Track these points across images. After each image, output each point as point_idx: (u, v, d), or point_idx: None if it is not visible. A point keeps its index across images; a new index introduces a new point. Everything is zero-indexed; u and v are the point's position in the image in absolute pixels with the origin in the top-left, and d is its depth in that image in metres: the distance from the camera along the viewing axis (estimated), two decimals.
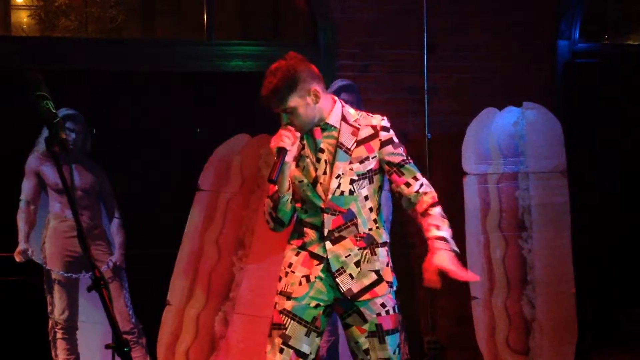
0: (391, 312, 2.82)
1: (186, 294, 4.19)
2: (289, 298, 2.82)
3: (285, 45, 4.69)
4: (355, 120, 2.83)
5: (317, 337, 2.82)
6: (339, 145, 2.79)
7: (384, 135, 2.81)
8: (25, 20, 4.82)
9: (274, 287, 4.08)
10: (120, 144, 4.50)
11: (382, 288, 2.81)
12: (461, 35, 4.78)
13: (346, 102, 4.30)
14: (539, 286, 4.44)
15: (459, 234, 4.40)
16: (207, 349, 4.17)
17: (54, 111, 2.13)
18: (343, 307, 2.83)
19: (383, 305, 2.81)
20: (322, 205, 2.78)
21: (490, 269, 4.40)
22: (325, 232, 2.79)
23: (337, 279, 2.77)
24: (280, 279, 2.89)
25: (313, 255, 2.80)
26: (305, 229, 2.83)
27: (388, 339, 2.80)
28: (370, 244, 2.81)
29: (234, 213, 4.26)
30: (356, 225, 2.79)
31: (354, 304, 2.80)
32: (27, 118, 3.59)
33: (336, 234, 2.79)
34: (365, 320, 2.79)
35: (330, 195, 2.77)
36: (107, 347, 1.99)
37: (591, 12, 5.19)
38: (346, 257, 2.78)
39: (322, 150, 2.80)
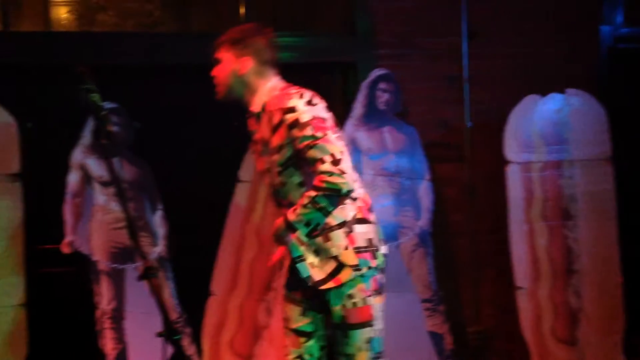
0: (360, 304, 2.65)
1: (229, 284, 4.22)
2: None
3: (321, 35, 4.68)
4: (272, 104, 2.70)
5: (317, 314, 2.73)
6: (261, 138, 2.74)
7: (289, 117, 2.62)
8: (64, 15, 4.88)
9: None
10: (161, 137, 4.54)
11: (345, 274, 2.63)
12: (502, 23, 4.72)
13: (384, 91, 4.31)
14: (585, 275, 4.38)
15: (502, 224, 4.41)
16: (251, 339, 4.20)
17: (100, 104, 2.16)
18: (318, 295, 2.74)
19: (350, 296, 2.65)
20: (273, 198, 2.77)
21: (535, 259, 4.35)
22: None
23: (297, 265, 2.67)
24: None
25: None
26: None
27: (352, 333, 2.65)
28: (321, 230, 2.64)
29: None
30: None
31: (322, 292, 2.67)
32: (71, 112, 3.66)
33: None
34: (331, 312, 2.70)
35: (272, 190, 2.75)
36: (158, 335, 2.01)
37: None
38: (304, 246, 2.66)
39: (256, 142, 2.79)
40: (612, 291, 4.38)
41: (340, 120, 4.09)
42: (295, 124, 2.59)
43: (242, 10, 4.66)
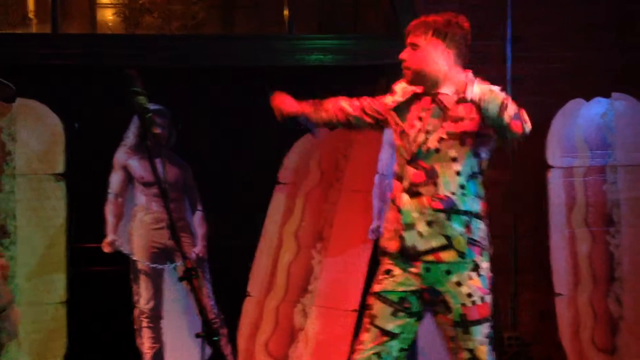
0: (478, 302, 2.73)
1: (266, 286, 4.24)
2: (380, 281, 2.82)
3: (365, 38, 4.67)
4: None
5: (408, 317, 2.77)
6: (436, 102, 2.76)
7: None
8: (110, 18, 4.95)
9: (353, 280, 4.12)
10: (203, 139, 4.59)
11: (448, 255, 2.70)
12: (546, 26, 4.65)
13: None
14: (626, 283, 4.31)
15: (543, 228, 4.36)
16: (286, 340, 4.21)
17: (146, 106, 2.19)
18: (430, 295, 2.78)
19: (469, 295, 2.73)
20: (407, 156, 2.76)
21: (576, 265, 4.29)
22: (406, 184, 2.75)
23: (403, 232, 2.72)
24: (384, 233, 2.88)
25: (398, 209, 2.77)
26: (395, 180, 2.82)
27: (473, 329, 2.73)
28: (448, 208, 2.70)
29: (313, 206, 4.28)
30: (435, 184, 2.71)
31: (439, 293, 2.74)
32: (115, 113, 3.72)
33: (414, 189, 2.73)
34: (449, 310, 2.74)
35: (415, 149, 2.74)
36: (197, 335, 2.03)
37: None
38: (420, 213, 2.72)
39: (424, 110, 2.79)
40: None
41: None
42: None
43: (286, 13, 4.67)
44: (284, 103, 3.01)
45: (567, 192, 4.31)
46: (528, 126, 2.65)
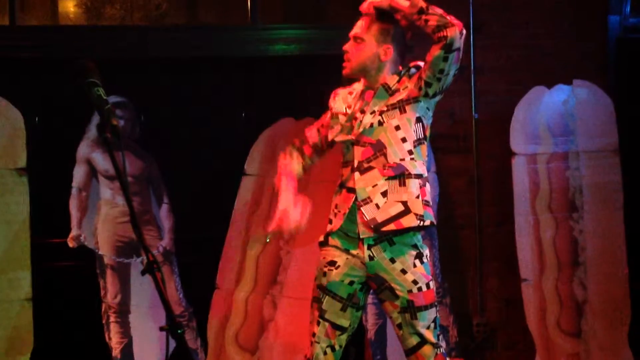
0: (424, 288, 2.80)
1: (235, 278, 4.23)
2: (323, 274, 2.87)
3: (329, 28, 4.66)
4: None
5: (356, 311, 2.87)
6: (382, 85, 2.85)
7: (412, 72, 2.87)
8: (72, 9, 4.88)
9: None
10: (167, 130, 4.55)
11: (409, 220, 2.77)
12: (509, 13, 4.68)
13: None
14: (590, 267, 4.37)
15: (508, 216, 4.40)
16: (256, 332, 4.21)
17: (105, 98, 2.15)
18: (376, 283, 2.85)
19: (415, 282, 2.79)
20: (352, 137, 2.83)
21: (540, 251, 4.34)
22: (355, 163, 2.82)
23: (361, 208, 2.78)
24: (330, 221, 2.93)
25: (349, 190, 2.83)
26: (343, 169, 2.89)
27: (420, 315, 2.79)
28: (400, 174, 2.79)
29: None
30: (385, 155, 2.79)
31: (385, 280, 2.80)
32: (77, 106, 3.67)
33: (365, 165, 2.81)
34: (396, 297, 2.80)
35: (361, 129, 2.81)
36: (161, 329, 2.01)
37: None
38: (373, 186, 2.79)
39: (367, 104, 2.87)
40: (618, 283, 4.37)
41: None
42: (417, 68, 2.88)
43: (248, 2, 4.64)
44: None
45: (530, 178, 4.35)
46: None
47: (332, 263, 2.87)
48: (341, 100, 2.96)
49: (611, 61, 4.83)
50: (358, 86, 2.96)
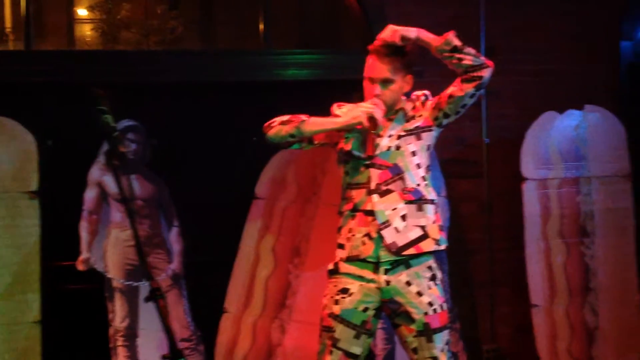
0: (438, 310, 2.84)
1: (243, 302, 4.23)
2: (337, 301, 2.85)
3: (341, 53, 4.69)
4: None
5: (368, 338, 2.88)
6: (401, 110, 2.94)
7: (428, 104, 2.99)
8: (88, 33, 4.94)
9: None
10: (181, 154, 4.57)
11: (427, 244, 2.84)
12: (521, 39, 4.69)
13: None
14: (601, 293, 4.34)
15: (518, 241, 4.37)
16: (264, 356, 4.20)
17: (113, 125, 2.19)
18: (391, 308, 2.85)
19: (430, 304, 2.82)
20: (367, 160, 2.86)
21: (551, 276, 4.31)
22: (373, 185, 2.85)
23: (382, 232, 2.81)
24: (341, 246, 2.92)
25: (367, 213, 2.85)
26: (352, 191, 2.89)
27: (435, 337, 2.81)
28: (418, 199, 2.85)
29: (290, 221, 4.28)
30: (403, 179, 2.85)
31: (401, 304, 2.82)
32: (90, 130, 3.70)
33: (383, 187, 2.84)
34: (412, 320, 2.82)
35: (378, 152, 2.85)
36: (163, 357, 2.02)
37: None
38: (392, 210, 2.82)
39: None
40: (630, 309, 4.34)
41: None
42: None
43: (261, 27, 4.68)
44: None
45: (541, 203, 4.34)
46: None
47: (345, 290, 2.87)
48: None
49: (623, 87, 4.83)
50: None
